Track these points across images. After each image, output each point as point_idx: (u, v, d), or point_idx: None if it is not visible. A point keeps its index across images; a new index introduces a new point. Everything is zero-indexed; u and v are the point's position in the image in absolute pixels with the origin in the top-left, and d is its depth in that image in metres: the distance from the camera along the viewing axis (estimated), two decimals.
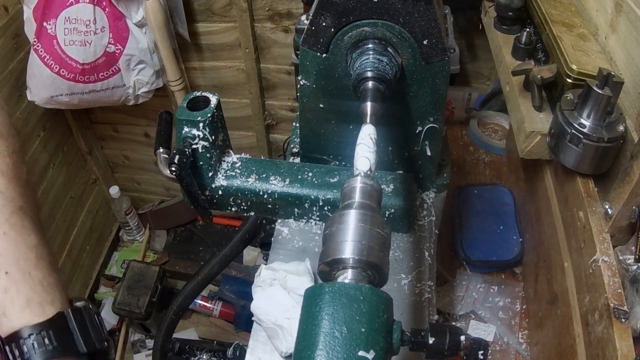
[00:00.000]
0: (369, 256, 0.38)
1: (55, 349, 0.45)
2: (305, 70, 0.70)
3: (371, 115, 0.54)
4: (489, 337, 1.01)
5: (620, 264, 0.65)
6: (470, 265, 1.12)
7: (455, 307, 1.06)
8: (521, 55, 0.92)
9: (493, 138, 1.42)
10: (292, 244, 0.78)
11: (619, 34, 0.76)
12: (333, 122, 0.76)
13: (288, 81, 1.75)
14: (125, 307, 1.81)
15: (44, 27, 1.45)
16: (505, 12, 0.99)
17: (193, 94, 0.76)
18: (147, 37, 1.54)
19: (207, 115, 0.73)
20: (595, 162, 0.71)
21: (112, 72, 1.55)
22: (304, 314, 0.37)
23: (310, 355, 0.34)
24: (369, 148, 0.47)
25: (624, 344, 0.58)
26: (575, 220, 0.76)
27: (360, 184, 0.43)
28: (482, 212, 1.20)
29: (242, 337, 1.89)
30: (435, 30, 0.62)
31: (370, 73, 0.59)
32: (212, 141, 0.75)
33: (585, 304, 0.70)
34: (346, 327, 0.34)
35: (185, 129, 0.74)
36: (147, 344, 1.97)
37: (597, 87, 0.67)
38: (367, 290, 0.36)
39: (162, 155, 0.79)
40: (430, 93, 0.68)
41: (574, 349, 0.72)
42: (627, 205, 0.65)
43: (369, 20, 0.62)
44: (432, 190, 0.84)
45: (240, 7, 1.54)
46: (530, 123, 0.81)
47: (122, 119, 1.98)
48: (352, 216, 0.39)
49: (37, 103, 1.56)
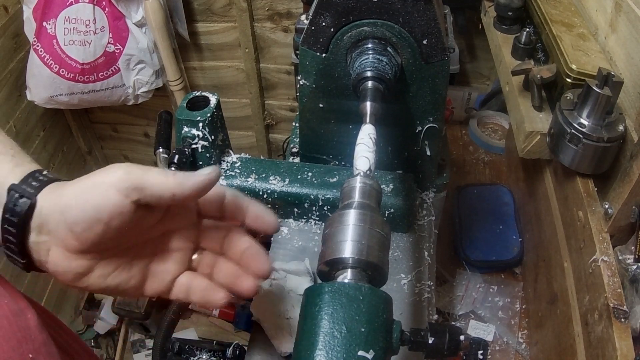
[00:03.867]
0: (369, 256, 0.38)
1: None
2: (304, 70, 0.70)
3: (371, 115, 0.54)
4: (489, 336, 1.01)
5: (619, 263, 0.65)
6: (469, 265, 1.12)
7: (455, 306, 1.06)
8: (521, 55, 0.92)
9: (493, 138, 1.42)
10: (292, 244, 0.78)
11: (618, 33, 0.76)
12: (333, 121, 0.76)
13: (288, 81, 1.75)
14: (124, 306, 1.80)
15: (44, 27, 1.45)
16: (505, 11, 0.99)
17: (193, 94, 0.76)
18: (146, 37, 1.54)
19: (206, 115, 0.73)
20: (595, 162, 0.71)
21: (111, 72, 1.55)
22: (303, 314, 0.37)
23: (310, 355, 0.34)
24: (369, 148, 0.47)
25: (623, 344, 0.58)
26: (574, 220, 0.76)
27: (359, 184, 0.43)
28: (481, 212, 1.20)
29: (242, 337, 1.89)
30: (435, 30, 0.62)
31: (369, 73, 0.59)
32: (212, 141, 0.75)
33: (585, 303, 0.70)
34: (346, 327, 0.34)
35: (185, 129, 0.74)
36: (147, 343, 1.97)
37: (597, 87, 0.67)
38: (366, 290, 0.36)
39: (162, 155, 0.79)
40: (429, 93, 0.68)
41: (574, 349, 0.72)
42: (627, 205, 0.65)
43: (369, 20, 0.62)
44: (431, 190, 0.84)
45: (240, 7, 1.54)
46: (530, 123, 0.81)
47: (122, 118, 1.98)
48: (351, 216, 0.39)
49: (37, 103, 1.56)
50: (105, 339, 2.00)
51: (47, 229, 0.42)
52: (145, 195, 0.41)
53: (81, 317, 2.00)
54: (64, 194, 0.42)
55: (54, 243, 0.42)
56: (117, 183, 0.40)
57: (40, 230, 0.42)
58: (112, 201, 0.40)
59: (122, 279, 0.45)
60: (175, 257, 0.48)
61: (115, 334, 1.99)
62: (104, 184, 0.41)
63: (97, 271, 0.44)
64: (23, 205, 0.41)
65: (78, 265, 0.43)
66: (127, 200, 0.41)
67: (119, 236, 0.42)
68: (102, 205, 0.40)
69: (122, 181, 0.40)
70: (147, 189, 0.41)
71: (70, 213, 0.40)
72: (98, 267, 0.44)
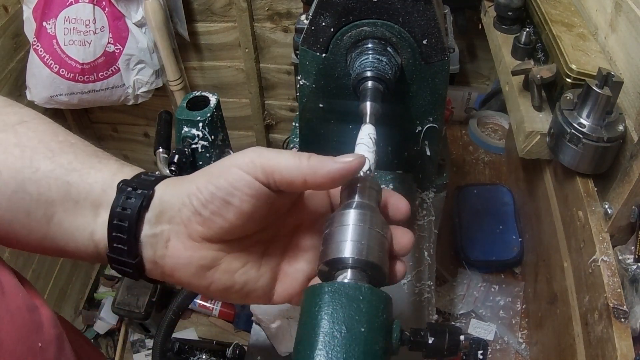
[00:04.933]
0: (369, 256, 0.38)
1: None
2: (304, 70, 0.70)
3: (371, 115, 0.54)
4: (490, 336, 1.01)
5: (619, 263, 0.65)
6: (469, 265, 1.12)
7: (455, 306, 1.06)
8: (521, 55, 0.92)
9: (492, 138, 1.42)
10: None
11: (618, 33, 0.76)
12: (332, 121, 0.76)
13: (288, 81, 1.75)
14: (124, 306, 1.80)
15: (44, 27, 1.45)
16: (505, 12, 0.99)
17: (193, 94, 0.76)
18: (146, 36, 1.54)
19: (206, 115, 0.73)
20: (595, 162, 0.71)
21: (111, 72, 1.55)
22: (303, 314, 0.37)
23: (310, 355, 0.34)
24: (369, 148, 0.47)
25: (623, 344, 0.58)
26: (574, 220, 0.76)
27: (359, 184, 0.43)
28: (481, 211, 1.20)
29: (242, 337, 1.89)
30: (434, 30, 0.62)
31: (369, 73, 0.59)
32: (212, 141, 0.75)
33: (585, 303, 0.70)
34: (346, 327, 0.34)
35: (185, 129, 0.74)
36: (147, 343, 1.97)
37: (597, 87, 0.67)
38: (366, 290, 0.36)
39: (162, 155, 0.79)
40: (429, 93, 0.68)
41: (574, 349, 0.72)
42: (627, 205, 0.65)
43: (369, 20, 0.62)
44: (431, 190, 0.84)
45: (240, 7, 1.54)
46: (530, 123, 0.81)
47: (122, 118, 1.98)
48: (351, 216, 0.39)
49: (37, 103, 1.56)
50: (105, 339, 2.00)
51: (167, 216, 0.39)
52: (275, 179, 0.38)
53: (81, 317, 2.00)
54: (188, 180, 0.39)
55: (175, 231, 0.39)
56: (246, 165, 0.38)
57: (158, 220, 0.39)
58: (243, 182, 0.38)
59: (250, 276, 0.41)
60: (308, 256, 0.44)
61: (115, 334, 1.99)
62: (233, 166, 0.38)
63: (224, 264, 0.40)
64: (138, 196, 0.39)
65: (202, 257, 0.40)
66: (257, 183, 0.38)
67: (248, 224, 0.39)
68: (234, 186, 0.38)
69: (252, 163, 0.38)
70: (277, 172, 0.38)
71: (198, 195, 0.38)
72: (224, 261, 0.40)
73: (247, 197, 0.38)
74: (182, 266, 0.40)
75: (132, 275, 0.40)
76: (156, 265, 0.40)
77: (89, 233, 0.40)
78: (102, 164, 0.42)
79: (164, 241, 0.39)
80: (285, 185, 0.38)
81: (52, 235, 0.40)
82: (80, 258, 0.42)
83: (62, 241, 0.41)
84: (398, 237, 0.42)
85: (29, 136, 0.42)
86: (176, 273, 0.40)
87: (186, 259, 0.39)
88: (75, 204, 0.40)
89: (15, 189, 0.39)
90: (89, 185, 0.40)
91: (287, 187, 0.39)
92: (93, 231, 0.40)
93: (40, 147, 0.41)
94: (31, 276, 1.68)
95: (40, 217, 0.40)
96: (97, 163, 0.42)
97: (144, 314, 1.80)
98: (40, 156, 0.40)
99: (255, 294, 0.42)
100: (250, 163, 0.38)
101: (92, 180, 0.40)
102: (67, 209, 0.40)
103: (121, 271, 0.40)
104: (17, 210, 0.39)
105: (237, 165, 0.38)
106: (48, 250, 0.41)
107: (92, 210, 0.40)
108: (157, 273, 0.41)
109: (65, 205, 0.40)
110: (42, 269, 1.74)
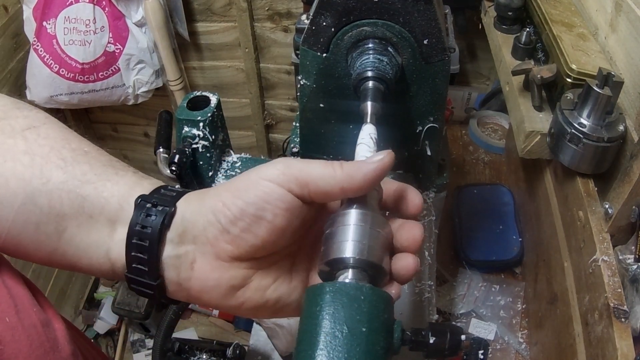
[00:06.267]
0: (370, 256, 0.38)
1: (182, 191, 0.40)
2: (305, 70, 0.70)
3: (371, 115, 0.54)
4: (490, 335, 1.01)
5: (620, 263, 0.65)
6: (469, 265, 1.12)
7: (456, 306, 1.06)
8: (521, 55, 0.92)
9: (493, 138, 1.42)
10: None
11: (618, 33, 0.76)
12: (333, 121, 0.76)
13: (288, 81, 1.75)
14: (124, 306, 1.81)
15: (44, 27, 1.45)
16: (505, 11, 0.99)
17: (193, 94, 0.76)
18: (146, 36, 1.54)
19: (207, 114, 0.73)
20: (595, 162, 0.71)
21: (111, 72, 1.55)
22: (304, 314, 0.37)
23: (311, 355, 0.34)
24: (369, 148, 0.47)
25: (623, 344, 0.58)
26: (575, 219, 0.76)
27: None
28: (481, 212, 1.20)
29: (242, 337, 1.89)
30: (435, 30, 0.62)
31: (370, 73, 0.59)
32: (212, 141, 0.75)
33: (585, 303, 0.70)
34: (347, 327, 0.34)
35: (185, 129, 0.74)
36: (147, 343, 1.97)
37: (597, 87, 0.67)
38: (367, 290, 0.36)
39: (162, 155, 0.79)
40: (430, 93, 0.68)
41: (574, 349, 0.72)
42: (627, 205, 0.65)
43: (369, 20, 0.62)
44: (431, 190, 0.84)
45: (240, 6, 1.54)
46: (530, 123, 0.81)
47: (122, 118, 1.98)
48: (352, 216, 0.39)
49: (37, 103, 1.56)
50: (105, 338, 2.00)
51: (191, 235, 0.37)
52: (310, 190, 0.36)
53: (81, 317, 2.00)
54: (210, 195, 0.37)
55: (201, 251, 0.37)
56: (277, 177, 0.36)
57: (182, 239, 0.37)
58: (275, 196, 0.35)
59: (283, 291, 0.39)
60: None
61: (115, 334, 1.99)
62: (262, 179, 0.36)
63: (254, 282, 0.38)
64: (159, 213, 0.36)
65: (232, 277, 0.37)
66: (290, 196, 0.35)
67: (280, 239, 0.37)
68: (265, 200, 0.35)
69: (284, 175, 0.35)
70: (312, 183, 0.36)
71: (225, 212, 0.35)
72: (255, 278, 0.38)
73: (280, 210, 0.36)
74: (210, 288, 0.37)
75: (153, 296, 0.38)
76: (180, 287, 0.38)
77: (104, 250, 0.38)
78: (118, 176, 0.40)
79: (189, 262, 0.37)
80: (321, 196, 0.37)
81: (63, 250, 0.38)
82: (94, 274, 0.40)
83: (74, 257, 0.39)
84: (407, 231, 0.40)
85: (39, 143, 0.39)
86: (204, 295, 0.38)
87: (215, 280, 0.37)
88: (89, 218, 0.38)
89: (24, 201, 0.37)
90: (105, 199, 0.38)
91: (323, 197, 0.37)
92: (109, 249, 0.38)
93: (51, 156, 0.39)
94: (31, 276, 1.68)
95: (50, 231, 0.37)
96: (114, 175, 0.40)
97: (144, 313, 1.80)
98: (51, 165, 0.38)
99: (289, 308, 0.40)
100: (282, 175, 0.36)
101: (108, 194, 0.38)
102: (81, 224, 0.38)
103: (141, 292, 0.38)
104: (25, 223, 0.37)
105: (266, 177, 0.36)
106: (58, 264, 0.40)
107: (107, 226, 0.38)
108: (181, 295, 0.39)
109: (79, 220, 0.38)
110: (42, 268, 1.74)
